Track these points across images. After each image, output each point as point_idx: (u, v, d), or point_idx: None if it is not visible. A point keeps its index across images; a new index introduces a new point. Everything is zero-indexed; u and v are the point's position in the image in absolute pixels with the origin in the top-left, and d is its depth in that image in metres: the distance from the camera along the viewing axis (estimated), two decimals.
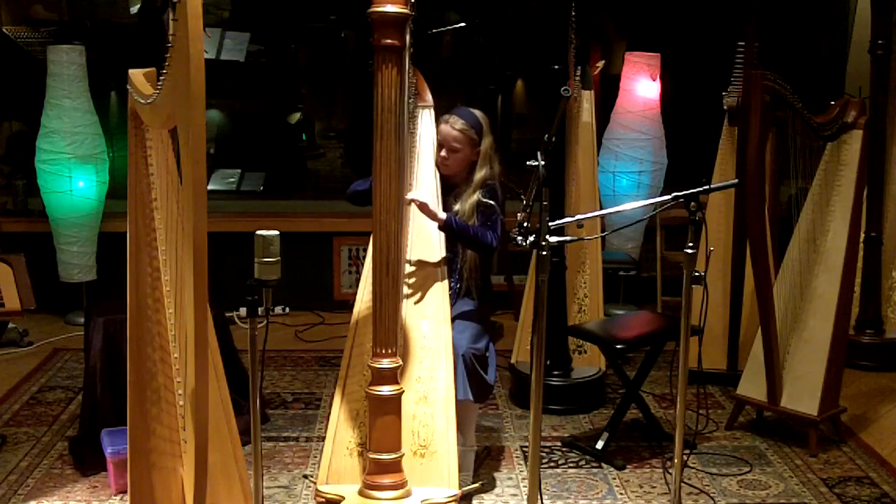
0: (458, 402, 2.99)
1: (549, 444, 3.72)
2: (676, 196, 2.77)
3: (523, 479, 3.41)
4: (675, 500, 2.86)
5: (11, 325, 4.80)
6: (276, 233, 2.50)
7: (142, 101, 2.44)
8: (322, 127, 7.03)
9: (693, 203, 2.73)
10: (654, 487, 3.37)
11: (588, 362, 4.30)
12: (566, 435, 3.81)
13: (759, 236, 3.57)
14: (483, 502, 3.25)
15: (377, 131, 2.63)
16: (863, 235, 4.40)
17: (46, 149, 5.07)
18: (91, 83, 5.15)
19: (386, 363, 2.72)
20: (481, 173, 3.29)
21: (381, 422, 2.73)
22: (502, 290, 5.46)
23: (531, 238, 2.55)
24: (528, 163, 2.62)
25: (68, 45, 5.11)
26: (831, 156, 3.78)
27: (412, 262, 3.21)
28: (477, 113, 3.34)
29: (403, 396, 2.79)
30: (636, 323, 3.89)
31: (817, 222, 3.78)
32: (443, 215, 3.16)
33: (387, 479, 2.74)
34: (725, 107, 4.44)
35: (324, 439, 3.07)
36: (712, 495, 3.30)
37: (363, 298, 3.14)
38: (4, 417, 3.94)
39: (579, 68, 4.36)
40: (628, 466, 3.53)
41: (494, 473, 3.46)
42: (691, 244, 2.73)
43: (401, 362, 2.78)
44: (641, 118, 5.44)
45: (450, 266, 3.26)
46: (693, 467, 3.53)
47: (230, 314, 4.41)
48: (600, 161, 5.30)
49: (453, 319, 3.15)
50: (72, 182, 5.07)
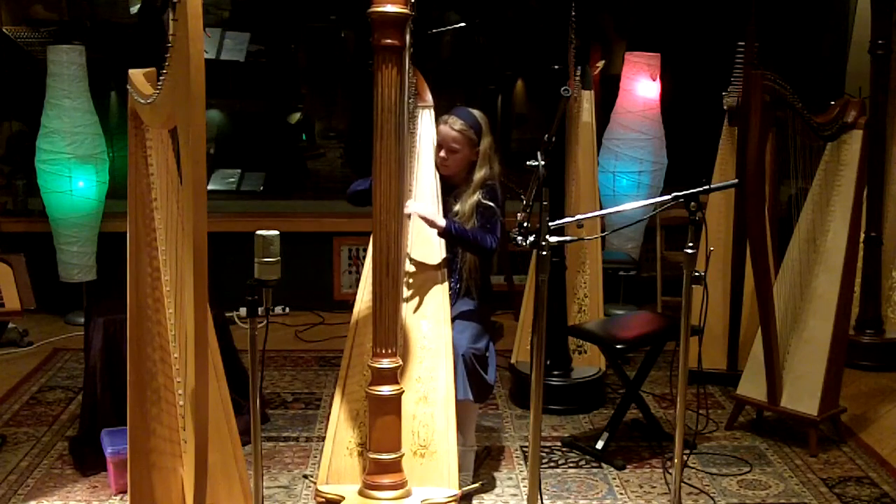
0: (458, 402, 2.99)
1: (549, 444, 3.72)
2: (676, 196, 2.77)
3: (523, 479, 3.41)
4: (675, 500, 2.86)
5: (11, 325, 4.80)
6: (276, 233, 2.50)
7: (142, 101, 2.44)
8: (322, 127, 7.03)
9: (693, 203, 2.73)
10: (654, 487, 3.37)
11: (588, 362, 4.30)
12: (566, 435, 3.81)
13: (759, 236, 3.57)
14: (483, 502, 3.25)
15: (377, 131, 2.63)
16: (863, 235, 4.40)
17: (46, 149, 5.07)
18: (91, 83, 5.15)
19: (386, 363, 2.72)
20: (481, 173, 3.29)
21: (381, 422, 2.73)
22: (502, 290, 5.46)
23: (531, 238, 2.55)
24: (528, 163, 2.62)
25: (68, 45, 5.11)
26: (831, 156, 3.78)
27: (412, 261, 3.21)
28: (476, 113, 3.34)
29: (403, 396, 2.79)
30: (636, 323, 3.89)
31: (817, 222, 3.78)
32: (442, 222, 3.15)
33: (387, 479, 2.74)
34: (725, 107, 4.44)
35: (324, 439, 3.07)
36: (712, 495, 3.30)
37: (363, 298, 3.14)
38: (4, 417, 3.95)
39: (579, 68, 4.36)
40: (628, 466, 3.53)
41: (494, 473, 3.46)
42: (691, 244, 2.73)
43: (401, 362, 2.78)
44: (641, 118, 5.43)
45: (450, 266, 3.26)
46: (693, 467, 3.53)
47: (230, 314, 4.41)
48: (600, 161, 5.30)
49: (453, 319, 3.15)
50: (72, 182, 5.06)
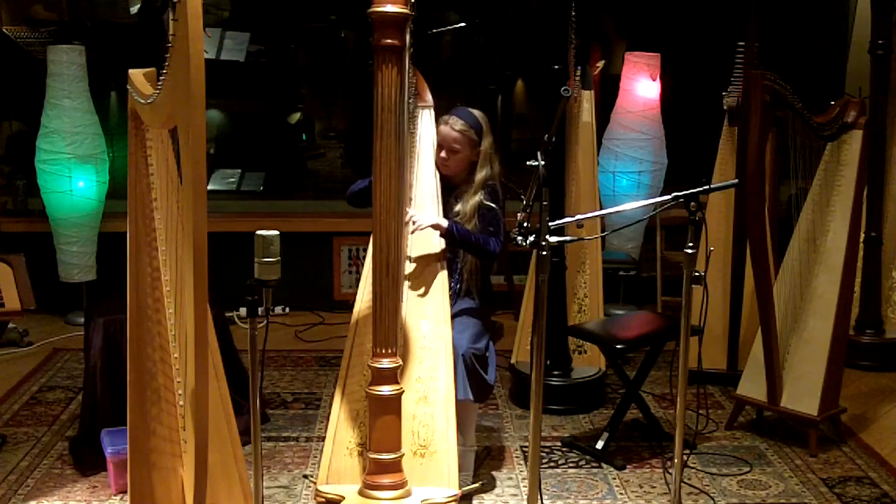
0: (458, 401, 2.99)
1: (549, 444, 3.72)
2: (676, 196, 2.77)
3: (523, 479, 3.41)
4: (675, 500, 2.86)
5: (11, 325, 4.79)
6: (276, 233, 2.50)
7: (142, 101, 2.44)
8: (322, 127, 7.03)
9: (693, 203, 2.73)
10: (654, 487, 3.37)
11: (588, 362, 4.30)
12: (566, 435, 3.81)
13: (759, 236, 3.57)
14: (483, 502, 3.25)
15: (377, 131, 2.63)
16: (863, 235, 4.40)
17: (46, 149, 5.07)
18: (91, 83, 5.15)
19: (386, 363, 2.71)
20: (482, 174, 3.29)
21: (381, 422, 2.73)
22: (502, 290, 5.45)
23: (531, 238, 2.55)
24: (528, 163, 2.62)
25: (68, 45, 5.11)
26: (831, 156, 3.78)
27: (412, 261, 3.21)
28: (476, 113, 3.34)
29: (403, 396, 2.78)
30: (636, 323, 3.89)
31: (817, 222, 3.78)
32: (444, 223, 3.15)
33: (387, 479, 2.74)
34: (725, 107, 4.44)
35: (324, 439, 3.07)
36: (712, 495, 3.30)
37: (363, 298, 3.14)
38: (4, 417, 3.95)
39: (579, 68, 4.36)
40: (628, 466, 3.53)
41: (494, 473, 3.46)
42: (691, 244, 2.73)
43: (401, 362, 2.77)
44: (641, 118, 5.43)
45: (450, 266, 3.26)
46: (693, 467, 3.53)
47: (230, 314, 4.41)
48: (600, 161, 5.30)
49: (453, 319, 3.14)
50: (72, 182, 5.06)
